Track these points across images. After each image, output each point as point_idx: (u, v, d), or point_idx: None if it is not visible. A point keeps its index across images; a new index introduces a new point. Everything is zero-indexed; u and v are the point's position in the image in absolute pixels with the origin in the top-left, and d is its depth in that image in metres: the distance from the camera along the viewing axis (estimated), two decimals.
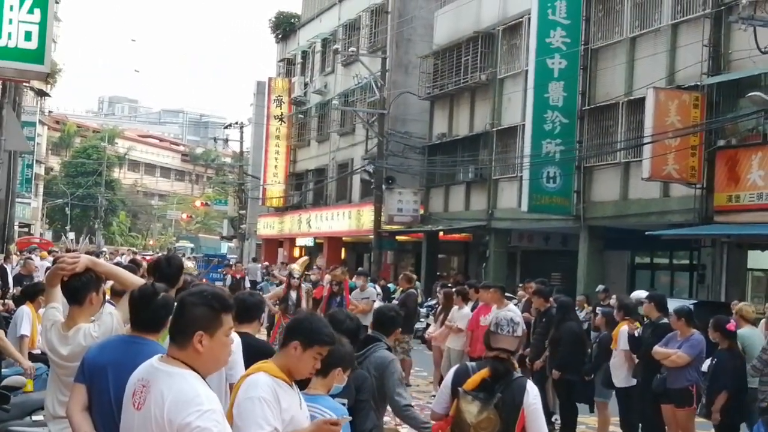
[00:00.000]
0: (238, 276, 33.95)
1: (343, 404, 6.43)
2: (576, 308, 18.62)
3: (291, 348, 5.52)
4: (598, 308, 16.91)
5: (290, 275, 20.99)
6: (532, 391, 6.69)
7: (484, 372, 6.65)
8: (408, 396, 8.07)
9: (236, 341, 6.85)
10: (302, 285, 21.26)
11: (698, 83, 25.69)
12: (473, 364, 6.97)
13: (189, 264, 38.00)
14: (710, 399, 12.18)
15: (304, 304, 19.97)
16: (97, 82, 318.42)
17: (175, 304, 4.86)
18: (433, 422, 7.12)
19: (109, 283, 7.63)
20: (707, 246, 26.75)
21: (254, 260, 55.03)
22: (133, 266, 11.10)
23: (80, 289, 6.47)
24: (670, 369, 12.64)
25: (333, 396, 6.36)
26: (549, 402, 16.09)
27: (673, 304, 14.32)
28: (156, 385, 4.49)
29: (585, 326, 16.15)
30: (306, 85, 55.89)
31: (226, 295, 5.07)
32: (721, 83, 25.22)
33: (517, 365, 6.90)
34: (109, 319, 6.36)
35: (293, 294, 20.38)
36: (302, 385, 6.31)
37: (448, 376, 7.01)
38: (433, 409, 7.13)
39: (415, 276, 23.81)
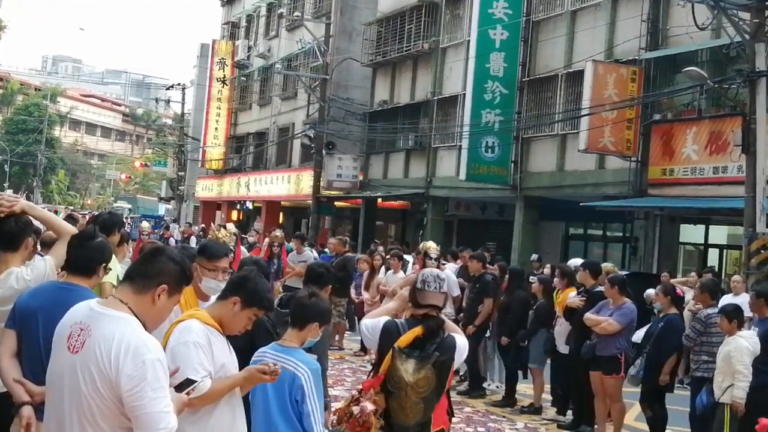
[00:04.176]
0: (166, 236, 34.17)
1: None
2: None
3: (230, 302, 5.54)
4: (533, 276, 17.12)
5: (426, 255, 16.24)
6: (462, 347, 6.76)
7: (417, 330, 6.60)
8: (326, 362, 8.19)
9: None
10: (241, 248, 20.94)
11: (636, 57, 26.02)
12: (402, 321, 6.86)
13: (145, 224, 38.69)
14: (654, 362, 12.37)
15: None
16: (42, 41, 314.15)
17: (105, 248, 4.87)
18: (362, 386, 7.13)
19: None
20: (640, 218, 27.17)
21: (174, 221, 55.12)
22: (71, 221, 11.16)
23: (17, 234, 6.46)
24: (600, 336, 12.80)
25: (306, 350, 6.40)
26: (481, 367, 16.37)
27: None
28: (98, 329, 4.38)
29: None
30: (249, 48, 55.69)
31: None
32: (659, 58, 25.60)
33: (445, 322, 6.94)
34: (42, 265, 6.35)
35: None
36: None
37: (376, 327, 6.89)
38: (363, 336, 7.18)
39: (347, 239, 23.80)
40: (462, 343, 6.80)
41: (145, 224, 36.61)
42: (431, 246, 16.66)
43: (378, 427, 6.58)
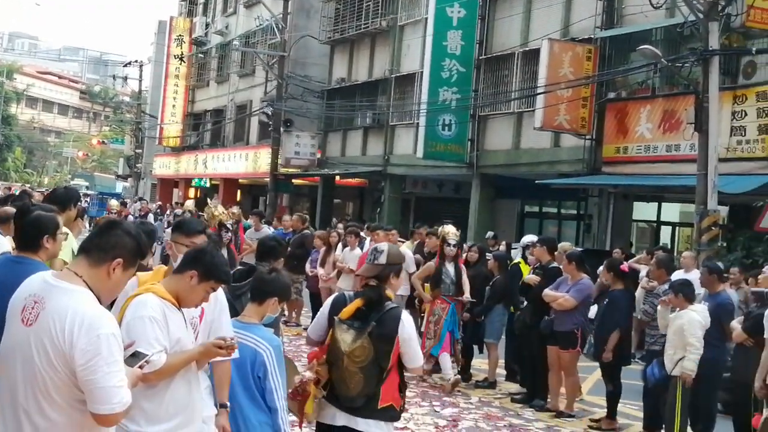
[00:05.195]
0: (123, 214, 34.16)
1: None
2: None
3: (187, 276, 5.47)
4: (489, 253, 17.23)
5: (444, 241, 14.91)
6: (408, 321, 6.73)
7: (358, 301, 6.66)
8: (282, 333, 8.22)
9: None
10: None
11: (592, 36, 26.22)
12: (351, 293, 6.93)
13: (114, 202, 39.00)
14: (601, 338, 12.50)
15: (465, 280, 14.80)
16: None
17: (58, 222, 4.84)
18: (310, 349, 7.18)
19: None
20: (594, 196, 27.43)
21: (140, 199, 54.82)
22: (26, 196, 11.22)
23: None
24: (558, 312, 12.98)
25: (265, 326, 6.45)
26: None
27: None
28: (52, 302, 4.34)
29: None
30: (207, 25, 55.38)
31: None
32: (614, 37, 25.80)
33: (391, 294, 6.95)
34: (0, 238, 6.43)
35: (450, 268, 14.83)
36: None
37: (326, 304, 6.98)
38: (308, 335, 7.12)
39: (307, 217, 23.81)
40: (408, 318, 6.79)
41: (113, 202, 36.76)
42: (450, 231, 15.08)
43: (319, 397, 6.63)
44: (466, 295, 14.70)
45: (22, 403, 4.36)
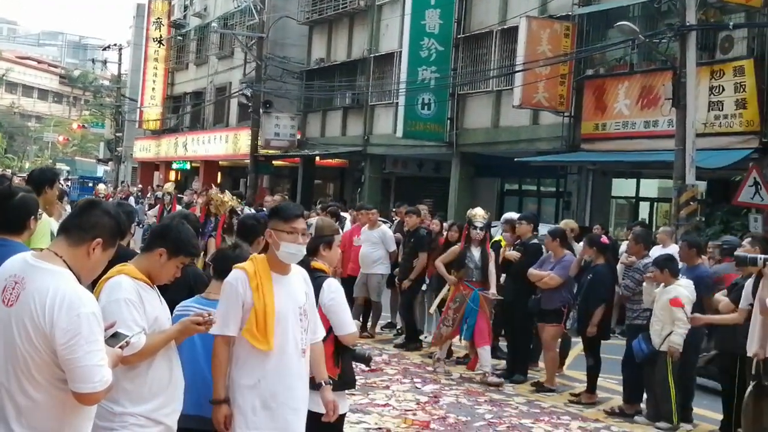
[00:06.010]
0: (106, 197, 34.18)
1: None
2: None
3: (156, 254, 5.51)
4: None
5: (470, 224, 13.93)
6: (328, 288, 6.80)
7: None
8: None
9: None
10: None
11: (569, 13, 26.23)
12: None
13: (101, 186, 39.23)
14: (585, 314, 12.57)
15: (492, 268, 13.82)
16: None
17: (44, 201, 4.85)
18: None
19: None
20: (573, 173, 27.50)
21: (121, 183, 54.83)
22: (4, 179, 11.22)
23: None
24: (544, 290, 13.11)
25: None
26: (417, 321, 16.58)
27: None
28: (33, 283, 4.34)
29: None
30: (186, 7, 55.30)
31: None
32: (592, 13, 25.84)
33: (323, 266, 7.01)
34: None
35: (475, 253, 13.85)
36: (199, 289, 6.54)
37: None
38: None
39: (288, 198, 23.82)
40: (329, 285, 6.86)
41: (101, 186, 36.76)
42: (477, 213, 14.00)
43: None
44: (492, 290, 13.79)
45: (4, 383, 4.37)
